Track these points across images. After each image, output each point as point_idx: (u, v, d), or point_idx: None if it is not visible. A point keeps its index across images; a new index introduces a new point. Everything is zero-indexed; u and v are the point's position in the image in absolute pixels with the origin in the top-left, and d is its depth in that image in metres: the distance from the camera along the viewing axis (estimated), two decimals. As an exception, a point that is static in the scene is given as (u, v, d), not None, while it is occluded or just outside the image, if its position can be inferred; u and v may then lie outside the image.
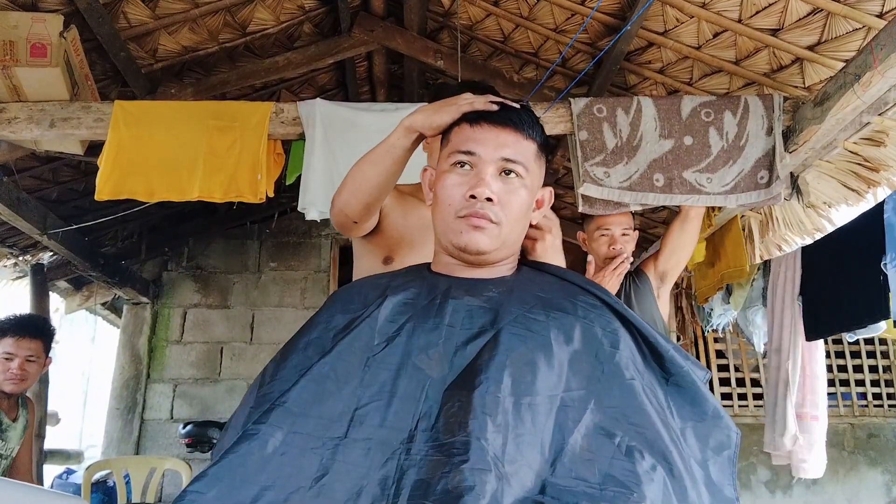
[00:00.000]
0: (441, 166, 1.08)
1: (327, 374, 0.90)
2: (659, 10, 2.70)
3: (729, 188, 2.46)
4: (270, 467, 0.82)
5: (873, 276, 2.71)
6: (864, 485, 4.99)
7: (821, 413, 3.40)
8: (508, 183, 1.03)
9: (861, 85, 2.08)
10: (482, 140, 1.04)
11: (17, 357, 2.63)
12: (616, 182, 2.48)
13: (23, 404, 2.79)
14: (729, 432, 0.93)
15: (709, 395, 0.95)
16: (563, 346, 0.91)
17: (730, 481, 0.90)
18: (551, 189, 1.15)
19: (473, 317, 0.95)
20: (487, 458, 0.78)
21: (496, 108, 1.07)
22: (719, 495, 0.87)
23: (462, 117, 1.10)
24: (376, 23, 3.32)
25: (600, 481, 0.79)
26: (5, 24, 2.36)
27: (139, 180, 2.52)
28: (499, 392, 0.84)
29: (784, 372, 3.38)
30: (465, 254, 1.03)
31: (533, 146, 1.06)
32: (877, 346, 5.32)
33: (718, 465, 0.90)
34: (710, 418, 0.93)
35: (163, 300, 5.28)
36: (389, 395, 0.87)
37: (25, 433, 2.78)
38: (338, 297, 1.07)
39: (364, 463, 0.82)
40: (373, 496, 0.79)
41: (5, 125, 2.47)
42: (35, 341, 2.69)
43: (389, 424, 0.85)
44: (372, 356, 0.91)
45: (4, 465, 2.68)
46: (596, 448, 0.83)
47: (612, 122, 2.53)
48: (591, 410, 0.86)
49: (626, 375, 0.90)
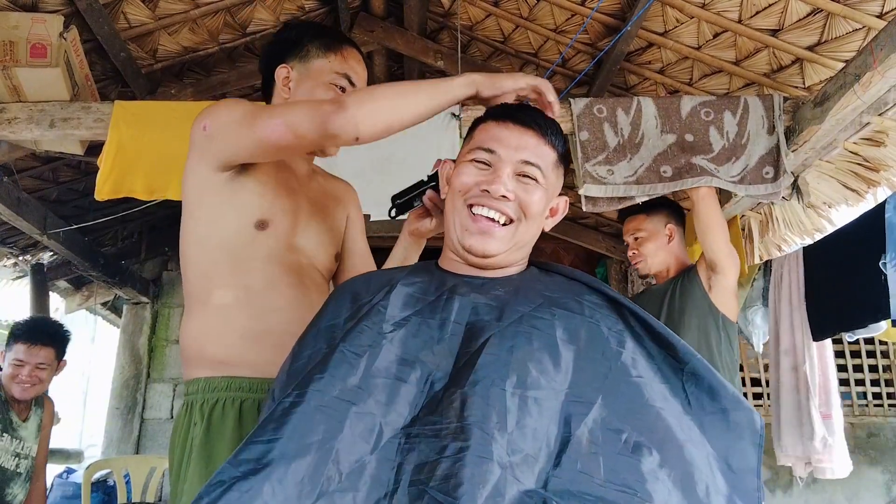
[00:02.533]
0: (461, 159, 1.09)
1: (339, 362, 0.91)
2: (659, 10, 2.70)
3: (737, 180, 2.45)
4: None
5: (874, 275, 2.71)
6: (863, 484, 4.99)
7: (835, 411, 3.38)
8: (525, 184, 1.04)
9: (861, 85, 2.08)
10: (504, 140, 1.05)
11: (28, 364, 2.62)
12: (621, 178, 2.47)
13: (37, 403, 2.77)
14: (751, 416, 0.90)
15: (726, 382, 0.93)
16: (569, 344, 0.91)
17: (753, 469, 0.87)
18: (567, 199, 1.15)
19: (479, 314, 0.95)
20: (489, 447, 0.78)
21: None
22: (740, 485, 0.85)
23: (489, 114, 1.10)
24: (376, 23, 3.32)
25: (605, 477, 0.79)
26: (5, 25, 2.36)
27: (139, 180, 2.52)
28: (503, 387, 0.84)
29: (802, 375, 3.35)
30: (470, 255, 1.03)
31: (553, 154, 1.08)
32: (877, 346, 5.32)
33: (740, 452, 0.88)
34: (731, 405, 0.91)
35: (163, 300, 5.28)
36: (395, 383, 0.88)
37: (41, 433, 2.76)
38: (345, 288, 1.07)
39: (368, 439, 0.82)
40: (374, 475, 0.80)
41: (5, 125, 2.47)
42: (46, 349, 2.67)
43: (393, 409, 0.85)
44: (379, 345, 0.92)
45: (26, 465, 2.68)
46: (602, 443, 0.82)
47: (612, 121, 2.53)
48: (598, 407, 0.86)
49: (633, 374, 0.90)
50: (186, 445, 1.19)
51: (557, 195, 1.12)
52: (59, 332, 2.81)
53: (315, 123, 1.13)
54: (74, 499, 4.26)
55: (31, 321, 2.80)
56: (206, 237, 1.25)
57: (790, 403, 3.41)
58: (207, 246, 1.25)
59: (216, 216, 1.25)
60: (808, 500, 4.98)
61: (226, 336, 1.24)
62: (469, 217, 1.03)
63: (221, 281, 1.23)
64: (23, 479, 2.66)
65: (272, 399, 0.97)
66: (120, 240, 4.82)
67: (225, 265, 1.24)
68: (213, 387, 1.22)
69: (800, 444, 3.34)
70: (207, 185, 1.24)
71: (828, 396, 3.37)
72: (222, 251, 1.24)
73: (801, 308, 3.38)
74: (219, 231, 1.25)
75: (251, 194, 1.25)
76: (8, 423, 2.63)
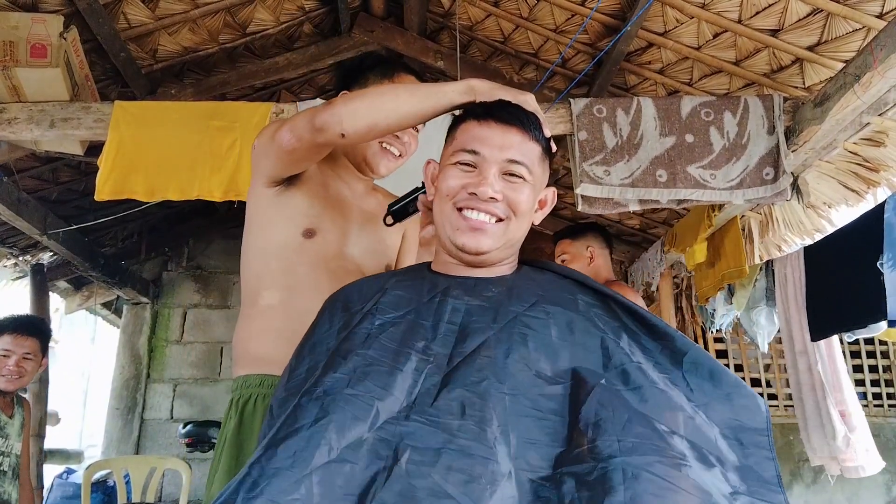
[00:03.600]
0: (445, 161, 1.08)
1: (333, 364, 0.91)
2: (659, 10, 2.70)
3: (735, 183, 2.45)
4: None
5: (873, 275, 2.71)
6: (863, 484, 4.99)
7: (852, 407, 3.37)
8: (512, 183, 1.03)
9: (861, 85, 2.08)
10: (487, 140, 1.03)
11: (15, 354, 2.67)
12: (617, 180, 2.48)
13: (18, 402, 2.82)
14: (755, 401, 0.89)
15: (726, 369, 0.93)
16: (564, 343, 0.91)
17: (764, 444, 0.86)
18: (554, 190, 1.14)
19: (473, 316, 0.95)
20: (490, 447, 0.78)
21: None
22: (751, 458, 0.84)
23: (469, 113, 1.09)
24: (376, 23, 3.32)
25: (618, 438, 0.78)
26: (5, 25, 2.36)
27: (139, 180, 2.52)
28: (500, 389, 0.84)
29: (817, 375, 3.35)
30: (464, 253, 1.03)
31: (538, 148, 1.07)
32: (877, 346, 5.32)
33: (750, 430, 0.87)
34: (733, 390, 0.90)
35: (163, 300, 5.28)
36: (391, 370, 0.88)
37: (23, 431, 2.80)
38: (337, 298, 1.07)
39: (364, 418, 0.82)
40: (372, 450, 0.80)
41: (5, 125, 2.47)
42: (32, 339, 2.73)
43: (389, 393, 0.85)
44: (372, 340, 0.92)
45: (9, 462, 2.71)
46: (608, 420, 0.81)
47: (612, 121, 2.53)
48: (596, 403, 0.85)
49: (633, 359, 0.90)
50: (222, 438, 1.29)
51: (545, 187, 1.12)
52: (43, 325, 2.92)
53: (306, 122, 1.21)
54: (74, 499, 4.26)
55: (17, 315, 2.88)
56: (260, 246, 1.36)
57: (812, 404, 3.40)
58: (261, 253, 1.36)
59: (268, 226, 1.36)
60: (809, 501, 4.98)
61: (265, 334, 1.31)
62: (459, 217, 1.03)
63: (269, 283, 1.33)
64: (9, 477, 2.70)
65: (270, 415, 0.96)
66: (120, 240, 4.82)
67: (274, 269, 1.33)
68: (248, 383, 1.30)
69: (825, 444, 3.34)
70: (261, 200, 1.36)
71: (841, 394, 3.36)
72: (273, 257, 1.34)
73: (805, 308, 3.38)
74: (270, 239, 1.35)
75: (299, 206, 1.36)
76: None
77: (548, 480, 0.77)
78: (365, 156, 1.44)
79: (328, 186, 1.42)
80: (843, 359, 3.52)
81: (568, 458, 0.79)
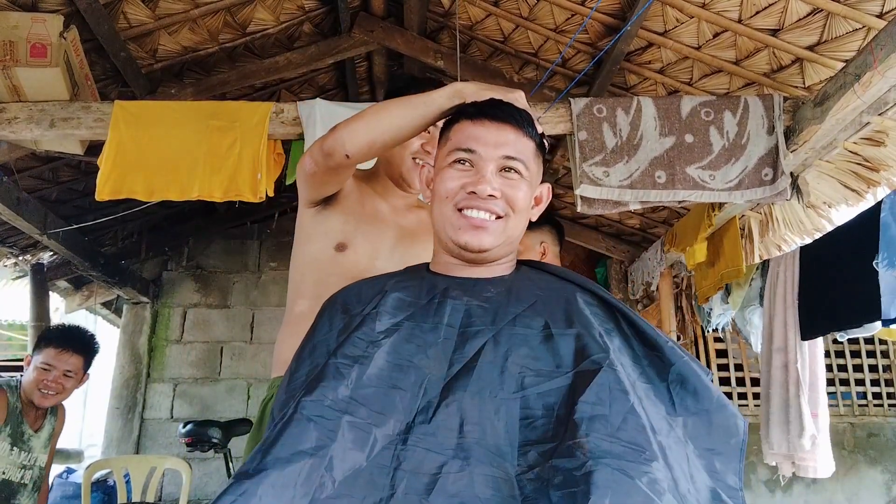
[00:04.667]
0: (440, 163, 1.08)
1: (331, 374, 0.91)
2: (659, 10, 2.70)
3: (734, 184, 2.46)
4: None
5: (868, 275, 2.71)
6: (863, 484, 4.99)
7: (821, 410, 3.39)
8: (509, 179, 1.04)
9: (861, 85, 2.08)
10: (483, 138, 1.04)
11: (55, 370, 2.50)
12: (616, 181, 2.48)
13: (51, 412, 2.67)
14: (736, 420, 0.91)
15: (712, 385, 0.93)
16: (562, 344, 0.91)
17: (734, 470, 0.88)
18: (549, 186, 1.15)
19: (472, 317, 0.95)
20: (490, 455, 0.78)
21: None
22: (721, 483, 0.86)
23: (462, 113, 1.10)
24: (376, 23, 3.32)
25: (611, 434, 0.79)
26: (5, 25, 2.36)
27: (139, 180, 2.52)
28: (499, 393, 0.84)
29: (794, 372, 3.36)
30: (466, 251, 1.03)
31: (532, 144, 1.07)
32: (877, 346, 5.32)
33: (723, 454, 0.88)
34: (715, 407, 0.91)
35: (163, 300, 5.28)
36: (388, 391, 0.87)
37: (51, 441, 2.67)
38: (336, 300, 1.07)
39: (362, 447, 0.82)
40: (369, 480, 0.80)
41: (5, 125, 2.47)
42: (77, 356, 2.55)
43: (387, 417, 0.85)
44: (371, 353, 0.92)
45: (32, 475, 2.58)
46: (601, 415, 0.82)
47: (611, 121, 2.53)
48: (591, 405, 0.85)
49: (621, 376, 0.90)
50: (251, 434, 1.43)
51: (540, 183, 1.12)
52: (92, 342, 2.67)
53: (318, 148, 1.32)
54: (74, 499, 4.26)
55: (65, 327, 2.67)
56: (299, 259, 1.49)
57: (779, 401, 3.42)
58: (299, 265, 1.48)
59: (307, 241, 1.48)
60: (809, 501, 4.98)
61: (294, 338, 1.35)
62: (460, 217, 1.03)
63: (303, 293, 1.44)
64: (29, 489, 2.58)
65: (272, 418, 0.96)
66: (120, 240, 4.82)
67: (308, 280, 1.44)
68: (274, 384, 1.38)
69: (785, 442, 3.35)
70: (304, 218, 1.49)
71: (816, 395, 3.37)
72: (308, 269, 1.46)
73: (794, 306, 3.38)
74: (307, 253, 1.47)
75: (335, 222, 1.47)
76: (19, 436, 2.52)
77: (536, 475, 0.78)
78: (401, 172, 1.50)
79: (364, 204, 1.51)
80: (823, 361, 3.52)
81: (558, 451, 0.79)
